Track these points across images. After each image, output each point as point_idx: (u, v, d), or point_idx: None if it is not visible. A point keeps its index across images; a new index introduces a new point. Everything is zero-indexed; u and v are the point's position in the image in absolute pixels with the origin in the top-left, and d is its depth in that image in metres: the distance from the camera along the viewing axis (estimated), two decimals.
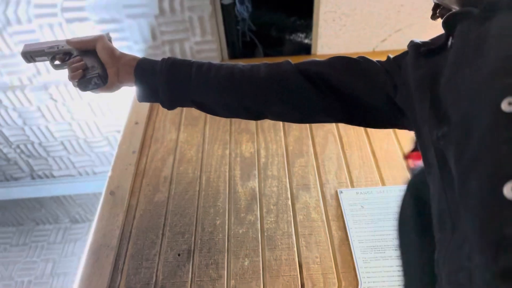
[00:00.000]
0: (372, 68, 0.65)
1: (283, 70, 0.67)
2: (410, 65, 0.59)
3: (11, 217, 2.32)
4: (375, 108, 0.66)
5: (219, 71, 0.68)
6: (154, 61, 0.70)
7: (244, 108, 0.70)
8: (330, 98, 0.66)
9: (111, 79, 0.70)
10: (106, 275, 0.88)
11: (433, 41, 0.58)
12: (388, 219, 0.95)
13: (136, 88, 0.70)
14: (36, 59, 0.73)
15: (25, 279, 2.13)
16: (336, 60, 0.67)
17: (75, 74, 0.68)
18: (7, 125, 1.72)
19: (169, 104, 0.70)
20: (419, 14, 1.39)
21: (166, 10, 1.35)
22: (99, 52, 0.69)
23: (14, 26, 1.36)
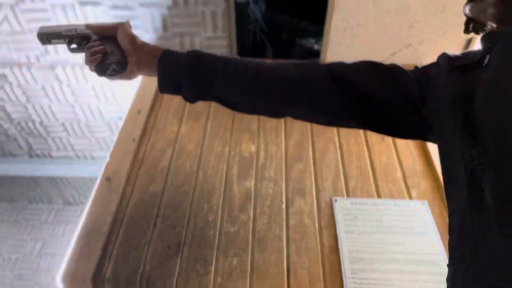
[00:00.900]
0: (403, 77, 0.64)
1: (312, 72, 0.66)
2: (442, 77, 0.58)
3: (5, 193, 2.33)
4: (402, 118, 0.65)
5: (246, 68, 0.67)
6: (179, 53, 0.68)
7: (268, 107, 0.69)
8: (358, 103, 0.65)
9: (130, 67, 0.69)
10: (94, 260, 0.88)
11: (467, 56, 0.57)
12: (380, 232, 0.95)
13: (158, 79, 0.68)
14: (52, 41, 0.73)
15: (13, 256, 2.13)
16: (368, 65, 0.66)
17: (94, 58, 0.67)
18: (10, 101, 1.72)
19: (191, 99, 0.70)
20: (431, 31, 1.39)
21: (180, 2, 1.35)
22: (120, 38, 0.68)
23: (27, 3, 1.37)
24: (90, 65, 0.69)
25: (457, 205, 0.50)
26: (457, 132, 0.51)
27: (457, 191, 0.50)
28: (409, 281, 0.86)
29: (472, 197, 0.46)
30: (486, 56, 0.51)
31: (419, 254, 0.91)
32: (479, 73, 0.51)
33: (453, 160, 0.52)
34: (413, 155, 1.15)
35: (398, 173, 1.10)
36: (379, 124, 0.68)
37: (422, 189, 1.06)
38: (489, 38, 0.52)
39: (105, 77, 0.69)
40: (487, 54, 0.51)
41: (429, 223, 0.97)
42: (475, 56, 0.54)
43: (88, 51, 0.68)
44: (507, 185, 0.41)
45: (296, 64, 0.68)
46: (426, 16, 1.35)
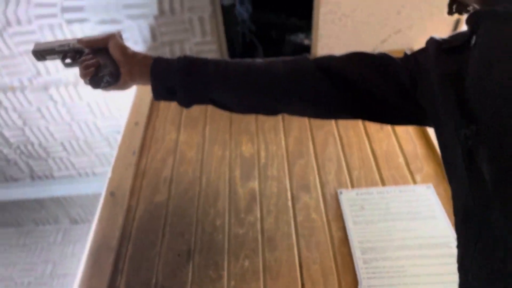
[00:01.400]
0: (392, 65, 0.65)
1: (302, 67, 0.67)
2: (431, 61, 0.58)
3: (11, 217, 2.32)
4: (395, 105, 0.65)
5: (236, 68, 0.67)
6: (170, 60, 0.69)
7: (262, 105, 0.70)
8: (350, 94, 0.65)
9: (123, 77, 0.70)
10: (106, 276, 0.88)
11: (454, 38, 0.57)
12: (388, 220, 0.95)
13: (152, 87, 0.69)
14: (46, 57, 0.74)
15: (25, 280, 2.13)
16: (356, 56, 0.66)
17: (87, 72, 0.68)
18: (6, 126, 1.72)
19: (186, 103, 0.70)
20: (419, 15, 1.39)
21: (166, 11, 1.35)
22: (112, 50, 0.69)
23: (14, 27, 1.37)
24: (85, 79, 0.70)
25: (459, 187, 0.51)
26: (449, 113, 0.52)
27: (457, 172, 0.51)
28: (421, 265, 0.86)
29: (471, 177, 0.47)
30: (473, 37, 0.51)
31: (429, 238, 0.91)
32: (467, 54, 0.51)
33: (449, 142, 0.53)
34: (413, 139, 1.15)
35: (400, 159, 1.10)
36: (374, 113, 0.68)
37: (426, 172, 1.06)
38: (474, 19, 0.52)
39: (100, 89, 0.70)
40: (474, 34, 0.51)
41: (436, 205, 0.97)
42: (462, 38, 0.54)
43: (81, 66, 0.69)
44: (503, 161, 0.41)
45: (286, 60, 0.68)
46: (412, 0, 1.35)
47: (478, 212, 0.45)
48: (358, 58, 0.66)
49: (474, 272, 0.46)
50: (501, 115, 0.42)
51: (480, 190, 0.45)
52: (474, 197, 0.46)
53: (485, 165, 0.44)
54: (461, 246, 0.50)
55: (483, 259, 0.45)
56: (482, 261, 0.45)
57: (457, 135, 0.49)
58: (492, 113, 0.43)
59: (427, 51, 0.62)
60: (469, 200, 0.47)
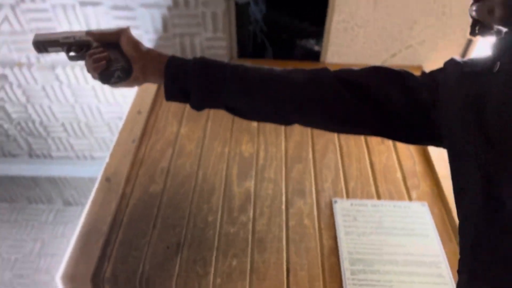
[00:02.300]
0: (413, 82, 0.64)
1: (322, 79, 0.65)
2: (452, 82, 0.57)
3: (5, 193, 2.32)
4: (413, 123, 0.64)
5: (255, 75, 0.65)
6: (186, 60, 0.66)
7: (277, 114, 0.68)
8: (368, 108, 0.64)
9: (135, 74, 0.67)
10: (93, 261, 0.88)
11: (476, 62, 0.56)
12: (380, 233, 0.95)
13: (165, 87, 0.66)
14: (48, 49, 0.70)
15: (13, 257, 2.13)
16: (377, 70, 0.65)
17: (98, 65, 0.65)
18: (10, 101, 1.72)
19: (199, 106, 0.68)
20: (431, 32, 1.39)
21: (180, 3, 1.35)
22: (124, 45, 0.66)
23: (28, 3, 1.37)
24: (93, 73, 0.66)
25: (471, 212, 0.49)
26: (469, 137, 0.51)
27: (470, 196, 0.50)
28: (409, 282, 0.86)
29: (487, 202, 0.46)
30: (497, 63, 0.50)
31: (419, 255, 0.91)
32: (489, 79, 0.51)
33: (465, 165, 0.52)
34: (413, 156, 1.15)
35: (398, 174, 1.10)
36: (390, 130, 0.67)
37: (422, 190, 1.06)
38: (499, 45, 0.52)
39: (109, 84, 0.67)
40: (497, 60, 0.51)
41: (429, 224, 0.97)
42: (485, 62, 0.53)
43: (90, 58, 0.66)
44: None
45: (305, 70, 0.67)
46: (426, 17, 1.35)
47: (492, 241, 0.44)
48: (379, 73, 0.65)
49: None
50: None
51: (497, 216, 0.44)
52: (489, 222, 0.45)
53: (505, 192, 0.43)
54: (465, 273, 0.49)
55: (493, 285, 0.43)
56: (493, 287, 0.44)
57: (475, 159, 0.48)
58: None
59: (445, 72, 0.61)
60: (481, 227, 0.46)
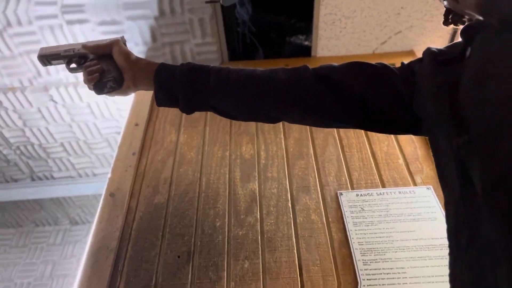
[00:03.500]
0: (391, 76, 0.65)
1: (302, 77, 0.67)
2: (427, 72, 0.59)
3: (11, 218, 2.32)
4: (392, 114, 0.66)
5: (238, 77, 0.68)
6: (173, 66, 0.70)
7: (262, 113, 0.70)
8: (349, 105, 0.66)
9: (127, 83, 0.71)
10: (106, 277, 0.88)
11: (450, 50, 0.58)
12: (388, 221, 0.95)
13: (155, 94, 0.70)
14: (52, 62, 0.75)
15: (25, 281, 2.13)
16: (355, 66, 0.67)
17: (91, 77, 0.69)
18: (7, 126, 1.72)
19: (188, 110, 0.71)
20: (418, 16, 1.39)
21: (166, 12, 1.35)
22: (116, 56, 0.70)
23: (15, 28, 1.37)
24: (89, 84, 0.71)
25: (451, 195, 0.52)
26: (443, 123, 0.53)
27: (449, 181, 0.51)
28: (421, 267, 0.86)
29: (463, 186, 0.47)
30: (468, 49, 0.52)
31: (429, 239, 0.91)
32: (462, 66, 0.52)
33: (443, 151, 0.53)
34: (413, 141, 1.15)
35: (400, 161, 1.10)
36: (371, 123, 0.69)
37: (426, 174, 1.06)
38: (469, 31, 0.53)
39: (103, 94, 0.71)
40: (468, 46, 0.52)
41: (436, 207, 0.97)
42: (457, 49, 0.55)
43: (85, 71, 0.70)
44: (493, 171, 0.42)
45: (286, 69, 0.69)
46: (412, 2, 1.35)
47: (469, 221, 0.46)
48: (357, 69, 0.67)
49: (464, 280, 0.47)
50: (493, 126, 0.43)
51: (471, 199, 0.45)
52: (465, 206, 0.47)
53: (476, 175, 0.44)
54: (452, 254, 0.51)
55: (472, 267, 0.45)
56: (471, 269, 0.45)
57: (449, 145, 0.50)
58: (485, 124, 0.44)
59: (421, 62, 0.62)
60: (460, 208, 0.48)
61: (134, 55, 0.72)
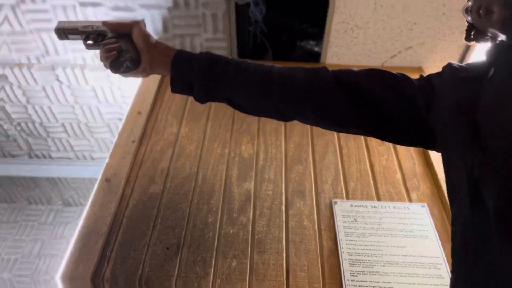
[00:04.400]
0: (410, 86, 0.65)
1: (321, 78, 0.67)
2: (447, 87, 0.59)
3: (5, 193, 2.32)
4: (407, 125, 0.65)
5: (256, 72, 0.68)
6: (192, 54, 0.69)
7: (277, 110, 0.70)
8: (365, 111, 0.65)
9: (143, 65, 0.70)
10: (93, 261, 0.88)
11: (472, 67, 0.58)
12: (379, 235, 0.95)
13: (171, 80, 0.70)
14: (69, 36, 0.75)
15: (12, 257, 2.13)
16: (375, 73, 0.67)
17: (109, 55, 0.69)
18: (10, 101, 1.72)
19: (202, 99, 0.71)
20: (431, 34, 1.39)
21: (180, 4, 1.35)
22: (135, 37, 0.70)
23: (28, 4, 1.37)
24: (105, 62, 0.70)
25: (459, 213, 0.51)
26: (459, 140, 0.52)
27: (460, 198, 0.51)
28: (408, 283, 0.86)
29: (473, 206, 0.47)
30: (491, 69, 0.51)
31: (419, 257, 0.90)
32: (484, 85, 0.51)
33: (456, 168, 0.53)
34: (413, 157, 1.15)
35: (398, 176, 1.10)
36: (385, 132, 0.68)
37: (422, 191, 1.06)
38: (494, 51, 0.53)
39: (119, 73, 0.71)
40: (492, 66, 0.51)
41: (429, 226, 0.97)
42: (480, 68, 0.54)
43: (103, 48, 0.70)
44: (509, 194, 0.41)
45: (306, 69, 0.68)
46: (426, 18, 1.35)
47: (477, 241, 0.45)
48: (377, 76, 0.66)
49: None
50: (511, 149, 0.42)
51: (481, 219, 0.45)
52: (474, 225, 0.46)
53: (490, 195, 0.44)
54: (455, 272, 0.50)
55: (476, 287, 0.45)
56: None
57: (463, 162, 0.49)
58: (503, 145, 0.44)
59: (442, 76, 0.62)
60: (468, 227, 0.47)
61: (154, 38, 0.72)
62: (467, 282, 0.47)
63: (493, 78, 0.50)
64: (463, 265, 0.48)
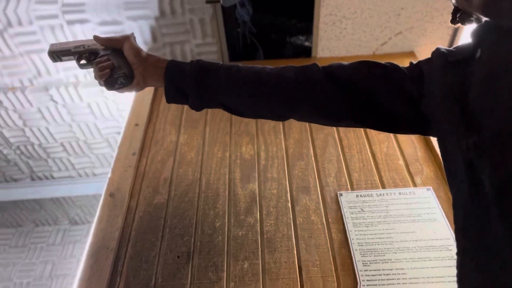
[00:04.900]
0: (401, 76, 0.65)
1: (311, 75, 0.67)
2: (437, 72, 0.59)
3: (11, 218, 2.32)
4: (401, 114, 0.66)
5: (247, 75, 0.69)
6: (183, 64, 0.71)
7: (271, 111, 0.71)
8: (358, 104, 0.66)
9: (137, 79, 0.71)
10: (106, 277, 0.88)
11: (460, 50, 0.58)
12: (388, 222, 0.95)
13: (165, 91, 0.71)
14: (62, 58, 0.75)
15: (24, 281, 2.13)
16: (364, 65, 0.67)
17: (102, 73, 0.70)
18: (7, 126, 1.72)
19: (198, 107, 0.72)
20: (419, 17, 1.39)
21: (166, 12, 1.35)
22: (126, 52, 0.71)
23: (15, 28, 1.37)
24: (100, 80, 0.71)
25: (459, 195, 0.51)
26: (452, 124, 0.52)
27: (458, 181, 0.51)
28: (421, 268, 0.86)
29: (471, 187, 0.47)
30: (478, 50, 0.51)
31: (429, 240, 0.91)
32: (472, 67, 0.52)
33: (451, 151, 0.53)
34: (413, 142, 1.15)
35: (400, 162, 1.10)
36: (379, 123, 0.69)
37: (426, 175, 1.06)
38: (479, 32, 0.53)
39: (114, 90, 0.71)
40: (479, 47, 0.52)
41: (436, 208, 0.97)
42: (467, 50, 0.55)
43: (96, 67, 0.70)
44: (504, 172, 0.41)
45: (296, 67, 0.69)
46: (413, 3, 1.35)
47: (478, 221, 0.46)
48: (366, 67, 0.67)
49: (472, 280, 0.47)
50: (504, 127, 0.43)
51: (480, 200, 0.45)
52: (474, 206, 0.47)
53: (486, 176, 0.44)
54: (460, 254, 0.50)
55: (481, 268, 0.45)
56: (480, 270, 0.45)
57: (458, 145, 0.50)
58: (496, 126, 0.44)
59: (432, 62, 0.62)
60: (468, 209, 0.48)
61: (144, 51, 0.73)
62: (472, 262, 0.47)
63: (480, 59, 0.51)
64: (467, 247, 0.49)
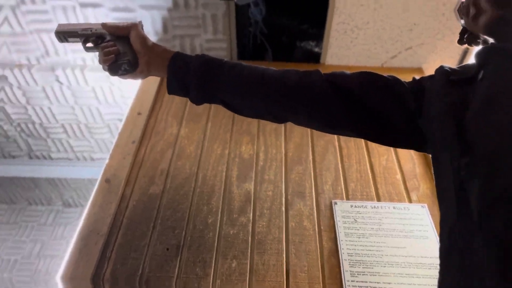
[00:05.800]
0: (401, 90, 0.65)
1: (313, 81, 0.68)
2: (438, 90, 0.59)
3: (5, 194, 2.32)
4: (398, 128, 0.66)
5: (250, 74, 0.69)
6: (188, 57, 0.71)
7: (270, 113, 0.71)
8: (356, 114, 0.66)
9: (141, 67, 0.71)
10: (93, 262, 0.88)
11: (463, 70, 0.58)
12: (379, 235, 0.95)
13: (167, 82, 0.71)
14: (68, 39, 0.75)
15: (12, 258, 2.13)
16: (366, 76, 0.67)
17: (107, 58, 0.70)
18: (10, 102, 1.72)
19: (198, 101, 0.72)
20: (430, 34, 1.40)
21: (180, 5, 1.35)
22: (133, 39, 0.71)
23: (28, 5, 1.37)
24: (103, 65, 0.71)
25: (447, 215, 0.52)
26: (448, 142, 0.53)
27: (447, 200, 0.52)
28: (408, 284, 0.86)
29: (459, 207, 0.48)
30: (481, 71, 0.52)
31: (419, 257, 0.90)
32: (473, 87, 0.52)
33: (444, 169, 0.54)
34: (412, 157, 1.15)
35: (398, 176, 1.10)
36: (375, 134, 0.69)
37: (422, 192, 1.06)
38: (483, 54, 0.53)
39: (117, 76, 0.72)
40: (482, 69, 0.52)
41: (429, 226, 0.97)
42: (470, 71, 0.55)
43: (102, 51, 0.71)
44: (491, 194, 0.42)
45: (299, 71, 0.69)
46: (426, 19, 1.35)
47: (462, 242, 0.46)
48: (368, 79, 0.67)
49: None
50: (497, 151, 0.43)
51: (466, 221, 0.46)
52: (460, 227, 0.47)
53: (473, 197, 0.44)
54: (442, 273, 0.51)
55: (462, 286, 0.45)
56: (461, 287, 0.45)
57: (451, 164, 0.50)
58: (488, 148, 0.45)
59: (434, 79, 0.62)
60: (454, 229, 0.48)
61: (151, 40, 0.73)
62: (453, 283, 0.47)
63: (482, 80, 0.51)
64: (449, 266, 0.49)
